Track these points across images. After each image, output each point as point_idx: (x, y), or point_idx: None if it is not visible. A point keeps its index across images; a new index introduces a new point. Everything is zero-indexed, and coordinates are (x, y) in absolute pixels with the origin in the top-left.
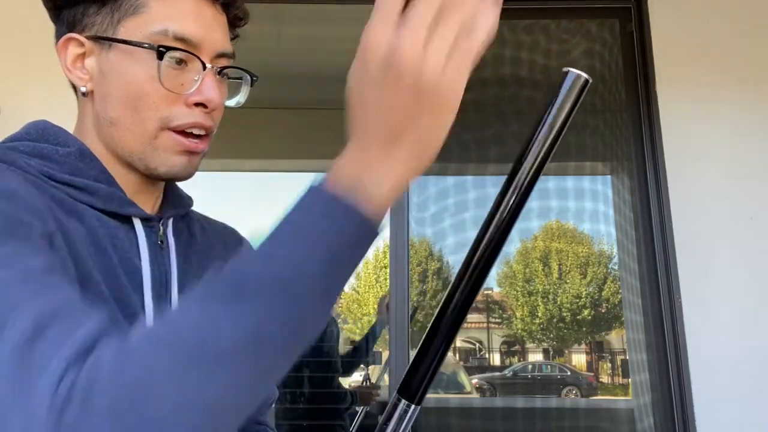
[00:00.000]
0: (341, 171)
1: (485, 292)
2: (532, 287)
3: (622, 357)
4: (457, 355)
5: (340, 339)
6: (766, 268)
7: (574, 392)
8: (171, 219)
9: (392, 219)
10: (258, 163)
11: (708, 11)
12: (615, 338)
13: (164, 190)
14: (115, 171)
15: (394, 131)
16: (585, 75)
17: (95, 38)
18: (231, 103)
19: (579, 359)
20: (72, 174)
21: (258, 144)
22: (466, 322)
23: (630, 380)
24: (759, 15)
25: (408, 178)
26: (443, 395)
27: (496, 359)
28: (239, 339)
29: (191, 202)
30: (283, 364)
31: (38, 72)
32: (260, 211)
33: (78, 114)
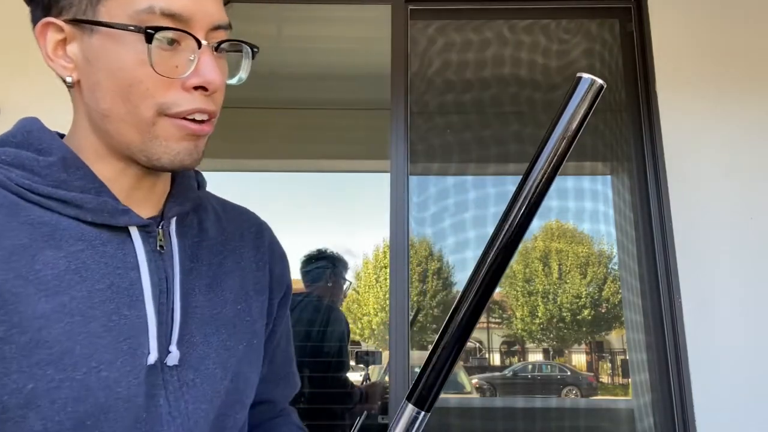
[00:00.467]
0: None
1: None
2: (532, 287)
3: (622, 357)
4: None
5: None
6: (766, 268)
7: (574, 392)
8: (174, 218)
9: (392, 219)
10: (258, 163)
11: (708, 11)
12: (615, 338)
13: (172, 181)
14: (111, 167)
15: None
16: (600, 81)
17: (74, 22)
18: (233, 81)
19: (579, 359)
20: (56, 186)
21: (258, 144)
22: None
23: (630, 380)
24: (759, 15)
25: None
26: (443, 395)
27: (496, 359)
28: None
29: (203, 192)
30: None
31: (39, 71)
32: (260, 212)
33: (72, 107)
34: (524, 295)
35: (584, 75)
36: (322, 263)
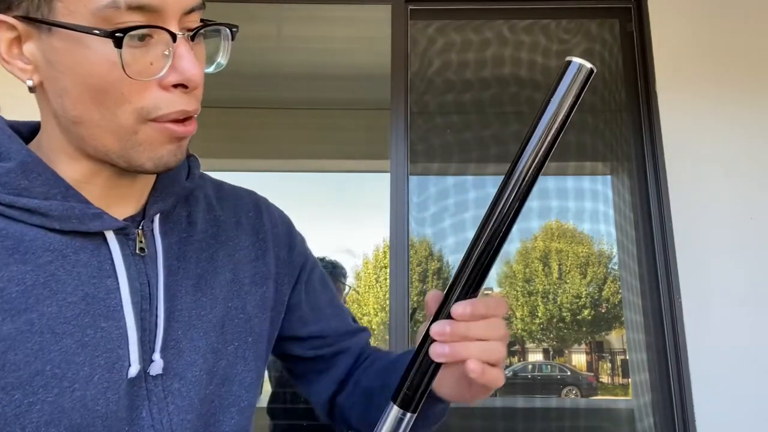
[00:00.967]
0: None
1: (485, 292)
2: (532, 287)
3: (622, 357)
4: None
5: None
6: (766, 268)
7: (574, 392)
8: (158, 215)
9: (392, 219)
10: (257, 163)
11: (708, 11)
12: (615, 338)
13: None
14: (85, 168)
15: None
16: (589, 64)
17: (26, 19)
18: (210, 70)
19: (579, 359)
20: (17, 195)
21: (258, 144)
22: None
23: (630, 380)
24: (759, 15)
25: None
26: None
27: None
28: None
29: (193, 180)
30: None
31: None
32: None
33: (39, 108)
34: (524, 295)
35: (574, 59)
36: None
